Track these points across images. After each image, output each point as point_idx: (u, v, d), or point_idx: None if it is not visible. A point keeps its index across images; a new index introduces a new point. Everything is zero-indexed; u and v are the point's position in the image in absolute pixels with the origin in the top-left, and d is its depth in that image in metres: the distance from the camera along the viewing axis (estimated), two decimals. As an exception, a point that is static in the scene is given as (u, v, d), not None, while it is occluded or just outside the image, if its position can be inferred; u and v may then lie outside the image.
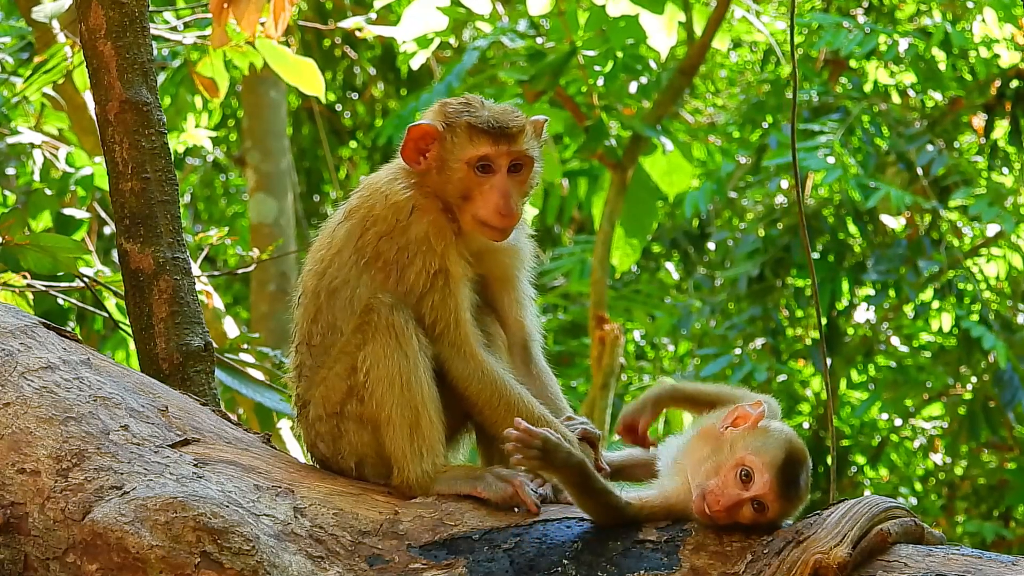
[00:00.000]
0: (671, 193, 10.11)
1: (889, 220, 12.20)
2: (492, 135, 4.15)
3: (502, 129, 4.15)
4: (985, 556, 3.70)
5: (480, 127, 4.15)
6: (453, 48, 13.68)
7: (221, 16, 5.97)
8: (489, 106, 4.22)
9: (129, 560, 3.75)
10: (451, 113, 4.20)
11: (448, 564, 3.84)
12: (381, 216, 4.17)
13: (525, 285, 4.38)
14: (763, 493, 3.76)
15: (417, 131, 4.18)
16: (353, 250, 4.18)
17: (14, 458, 3.94)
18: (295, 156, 14.28)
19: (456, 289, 4.14)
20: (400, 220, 4.14)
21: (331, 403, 4.15)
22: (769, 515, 3.78)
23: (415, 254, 4.12)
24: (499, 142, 4.15)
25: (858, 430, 13.37)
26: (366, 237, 4.17)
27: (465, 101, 4.23)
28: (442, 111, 4.22)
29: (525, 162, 4.20)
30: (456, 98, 4.27)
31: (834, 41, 10.95)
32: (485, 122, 4.16)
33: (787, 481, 3.77)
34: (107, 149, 4.70)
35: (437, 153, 4.18)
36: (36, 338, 4.20)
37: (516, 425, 3.86)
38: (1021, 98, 11.62)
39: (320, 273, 4.24)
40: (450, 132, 4.17)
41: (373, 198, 4.21)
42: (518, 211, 4.18)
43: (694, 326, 12.99)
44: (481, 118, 4.17)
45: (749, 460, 3.79)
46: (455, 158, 4.16)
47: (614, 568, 3.79)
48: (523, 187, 4.22)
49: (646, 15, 9.12)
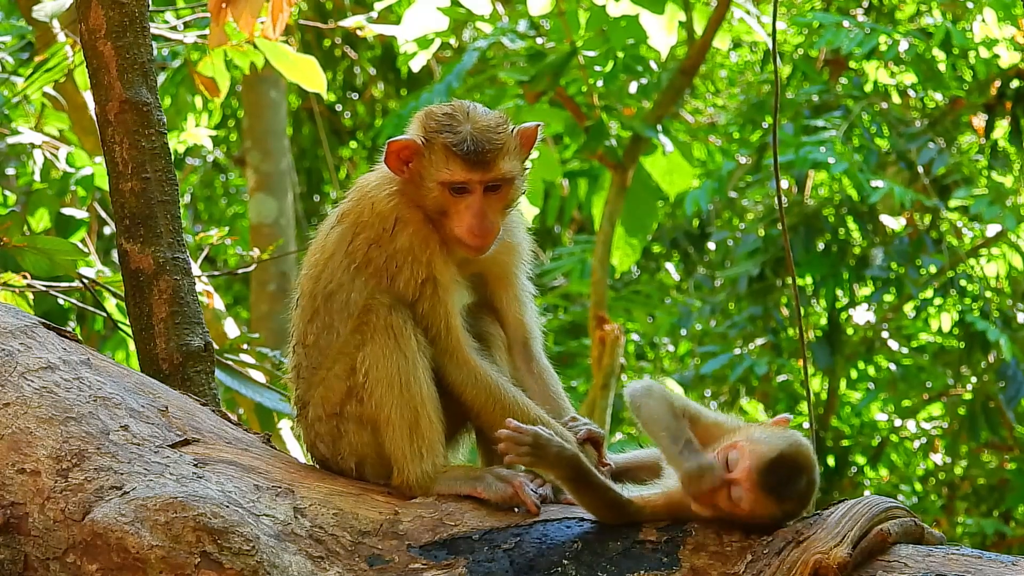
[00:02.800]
0: (671, 193, 10.11)
1: (889, 220, 12.20)
2: (466, 160, 4.07)
3: (478, 155, 4.06)
4: (985, 556, 3.70)
5: (455, 151, 4.07)
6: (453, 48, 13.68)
7: (220, 16, 5.97)
8: (473, 118, 4.12)
9: (129, 560, 3.75)
10: (432, 128, 4.11)
11: (448, 564, 3.84)
12: (369, 223, 4.16)
13: (524, 282, 4.36)
14: (738, 479, 3.72)
15: (396, 145, 4.12)
16: (344, 254, 4.18)
17: (14, 458, 3.94)
18: (295, 156, 14.28)
19: (445, 296, 4.13)
20: (386, 229, 4.13)
21: (330, 404, 4.15)
22: (743, 509, 3.74)
23: (403, 263, 4.12)
24: (473, 169, 4.08)
25: (858, 430, 13.38)
26: (356, 243, 4.17)
27: (449, 112, 4.14)
28: (425, 123, 4.14)
29: (503, 183, 4.14)
30: (443, 106, 4.18)
31: (834, 40, 10.95)
32: (461, 145, 4.06)
33: (769, 477, 3.71)
34: (107, 149, 4.70)
35: (416, 167, 4.12)
36: (36, 338, 4.20)
37: (507, 424, 3.86)
38: (1021, 98, 11.61)
39: (315, 277, 4.24)
40: (428, 148, 4.10)
41: (362, 204, 4.20)
42: (495, 227, 4.12)
43: (694, 326, 12.99)
44: (458, 139, 4.07)
45: (740, 445, 3.76)
46: (431, 177, 4.10)
47: (614, 568, 3.79)
48: (503, 203, 4.16)
49: (646, 15, 9.12)
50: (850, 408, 13.25)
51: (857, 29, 11.06)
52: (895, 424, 13.54)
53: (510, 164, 4.14)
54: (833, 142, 10.85)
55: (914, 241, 11.78)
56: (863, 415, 13.30)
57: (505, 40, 9.89)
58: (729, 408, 12.70)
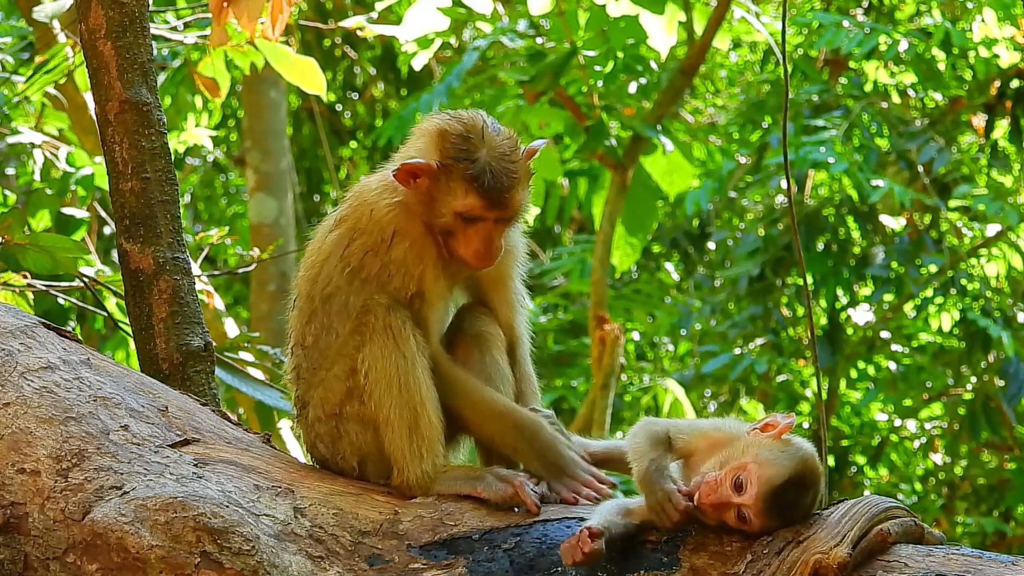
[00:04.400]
0: (671, 193, 10.10)
1: (889, 220, 12.20)
2: (485, 197, 4.05)
3: (497, 192, 4.05)
4: (985, 556, 3.70)
5: (474, 186, 4.05)
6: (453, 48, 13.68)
7: (221, 15, 5.97)
8: (489, 141, 4.08)
9: (129, 560, 3.75)
10: (448, 150, 4.07)
11: (448, 564, 3.84)
12: (366, 230, 4.16)
13: (518, 286, 4.37)
14: (748, 505, 3.72)
15: (411, 168, 4.08)
16: (340, 258, 4.18)
17: (14, 458, 3.94)
18: (295, 156, 14.28)
19: (428, 312, 4.14)
20: (384, 239, 4.13)
21: (330, 404, 4.15)
22: (751, 527, 3.74)
23: (395, 273, 4.12)
24: (492, 207, 4.07)
25: (858, 430, 13.38)
26: (352, 248, 4.17)
27: (464, 135, 4.08)
28: (440, 144, 4.09)
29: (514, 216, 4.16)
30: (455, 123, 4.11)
31: (834, 40, 10.95)
32: (480, 179, 4.03)
33: (777, 501, 3.71)
34: (107, 149, 4.70)
35: (428, 187, 4.10)
36: (36, 338, 4.21)
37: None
38: (1021, 98, 11.61)
39: (312, 279, 4.25)
40: (445, 173, 4.08)
41: (360, 210, 4.19)
42: (500, 249, 4.13)
43: (694, 326, 12.99)
44: (477, 170, 4.04)
45: (749, 468, 3.75)
46: (445, 204, 4.08)
47: (614, 568, 3.79)
48: (510, 226, 4.18)
49: (646, 15, 9.11)
50: (850, 408, 13.25)
51: (857, 29, 11.06)
52: (895, 424, 13.54)
53: (523, 194, 4.14)
54: (833, 142, 10.85)
55: (914, 241, 11.78)
56: (863, 415, 13.30)
57: (505, 40, 9.89)
58: (729, 408, 12.72)
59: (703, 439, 3.92)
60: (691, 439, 3.93)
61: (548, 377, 12.56)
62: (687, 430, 3.97)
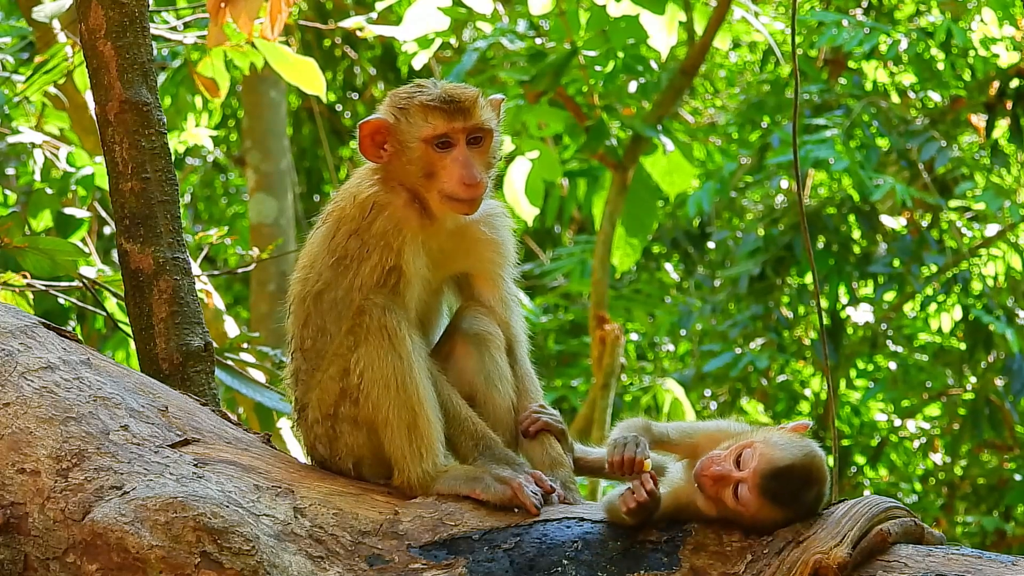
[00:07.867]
0: (671, 193, 10.10)
1: (889, 220, 12.20)
2: (446, 111, 4.14)
3: (456, 103, 4.15)
4: (985, 556, 3.70)
5: (433, 104, 4.14)
6: (453, 48, 13.68)
7: (218, 16, 5.97)
8: (441, 84, 4.22)
9: (129, 560, 3.75)
10: (402, 99, 4.20)
11: (448, 564, 3.84)
12: (350, 215, 4.19)
13: (510, 284, 4.38)
14: (745, 479, 3.73)
15: (368, 127, 4.19)
16: (327, 251, 4.21)
17: (14, 458, 3.94)
18: (295, 156, 14.28)
19: (406, 290, 4.14)
20: (366, 217, 4.16)
21: (326, 405, 4.16)
22: (747, 510, 3.74)
23: (373, 249, 4.14)
24: (454, 117, 4.15)
25: (858, 430, 13.38)
26: (337, 237, 4.20)
27: (416, 85, 4.23)
28: (392, 101, 4.22)
29: (484, 134, 4.20)
30: (405, 86, 4.27)
31: (835, 38, 10.95)
32: (437, 99, 4.15)
33: (775, 484, 3.72)
34: (107, 149, 4.70)
35: (394, 143, 4.17)
36: (36, 338, 4.21)
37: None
38: (1021, 97, 11.62)
39: (303, 279, 4.27)
40: (404, 116, 4.17)
41: (344, 200, 4.24)
42: (483, 180, 4.17)
43: (694, 326, 12.99)
44: (433, 95, 4.16)
45: (756, 444, 3.77)
46: (412, 138, 4.16)
47: (614, 568, 3.79)
48: (484, 158, 4.21)
49: (647, 15, 9.10)
50: (850, 408, 13.25)
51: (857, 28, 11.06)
52: (895, 424, 13.54)
53: (488, 114, 4.21)
54: (834, 141, 10.85)
55: (916, 240, 11.78)
56: (863, 414, 13.30)
57: (505, 40, 9.89)
58: (729, 408, 12.72)
59: (707, 439, 3.93)
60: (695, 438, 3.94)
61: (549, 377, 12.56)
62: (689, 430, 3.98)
